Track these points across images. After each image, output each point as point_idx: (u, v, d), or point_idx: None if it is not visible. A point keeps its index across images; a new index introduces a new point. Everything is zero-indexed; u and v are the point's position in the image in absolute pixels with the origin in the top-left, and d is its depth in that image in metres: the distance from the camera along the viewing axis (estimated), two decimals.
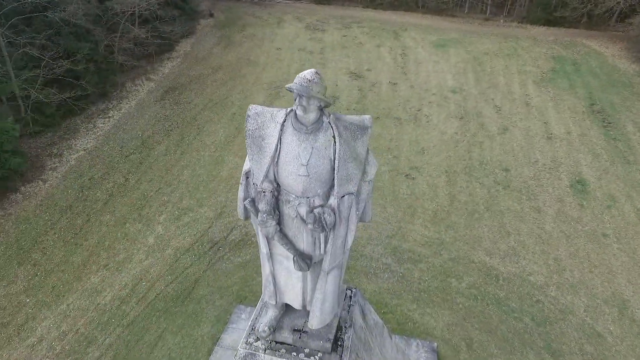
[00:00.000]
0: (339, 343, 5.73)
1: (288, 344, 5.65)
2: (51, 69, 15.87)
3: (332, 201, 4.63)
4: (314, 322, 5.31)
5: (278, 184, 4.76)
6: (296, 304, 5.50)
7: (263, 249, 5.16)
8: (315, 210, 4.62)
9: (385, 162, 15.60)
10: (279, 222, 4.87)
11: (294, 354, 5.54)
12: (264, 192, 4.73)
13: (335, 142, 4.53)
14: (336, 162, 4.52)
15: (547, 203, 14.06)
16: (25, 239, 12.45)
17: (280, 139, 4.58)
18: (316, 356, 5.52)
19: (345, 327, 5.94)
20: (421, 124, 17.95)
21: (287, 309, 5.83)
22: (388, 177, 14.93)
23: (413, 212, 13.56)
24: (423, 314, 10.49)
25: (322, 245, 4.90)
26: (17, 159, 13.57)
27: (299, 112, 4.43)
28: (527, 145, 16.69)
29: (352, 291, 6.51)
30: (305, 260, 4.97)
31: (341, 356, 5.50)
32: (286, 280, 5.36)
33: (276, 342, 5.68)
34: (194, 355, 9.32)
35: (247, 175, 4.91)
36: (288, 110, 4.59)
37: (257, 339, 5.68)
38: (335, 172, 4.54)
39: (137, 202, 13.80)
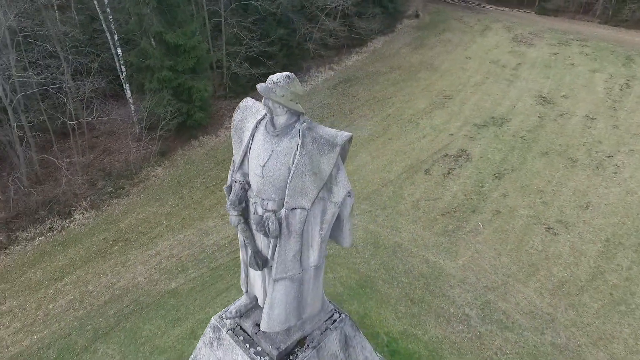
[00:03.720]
0: (291, 358, 5.50)
1: (248, 335, 5.75)
2: (249, 47, 18.99)
3: (282, 211, 4.46)
4: (262, 324, 5.23)
5: None
6: (260, 299, 5.53)
7: (239, 236, 5.35)
8: (265, 213, 4.55)
9: (527, 204, 13.11)
10: (247, 216, 4.97)
11: (247, 345, 5.62)
12: (235, 182, 4.91)
13: (297, 151, 4.32)
14: (292, 171, 4.32)
15: None
16: (185, 176, 15.69)
17: (253, 135, 4.65)
18: (264, 358, 5.47)
19: (309, 346, 5.63)
20: (603, 173, 14.18)
21: None
22: (522, 222, 12.53)
23: (533, 272, 11.12)
24: None
25: (270, 252, 4.80)
26: (201, 114, 17.03)
27: (267, 112, 4.41)
28: None
29: (340, 315, 6.04)
30: (257, 260, 4.95)
31: None
32: (254, 273, 5.44)
33: (241, 328, 5.86)
34: None
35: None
36: None
37: (228, 318, 5.98)
38: (288, 181, 4.35)
39: None
